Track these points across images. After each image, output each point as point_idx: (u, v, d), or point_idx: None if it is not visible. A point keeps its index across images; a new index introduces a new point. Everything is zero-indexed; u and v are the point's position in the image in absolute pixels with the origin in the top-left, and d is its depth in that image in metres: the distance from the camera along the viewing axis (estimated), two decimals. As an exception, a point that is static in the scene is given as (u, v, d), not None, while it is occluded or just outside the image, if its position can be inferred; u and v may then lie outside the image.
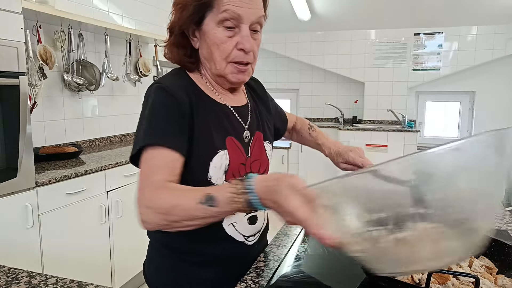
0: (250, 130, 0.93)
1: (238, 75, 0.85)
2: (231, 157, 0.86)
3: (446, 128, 4.64)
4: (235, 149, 0.88)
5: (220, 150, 0.85)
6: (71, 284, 0.80)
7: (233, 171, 0.87)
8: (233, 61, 0.83)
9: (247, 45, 0.81)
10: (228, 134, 0.88)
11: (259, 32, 0.86)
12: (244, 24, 0.81)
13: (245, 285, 0.82)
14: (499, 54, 4.10)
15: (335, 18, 4.33)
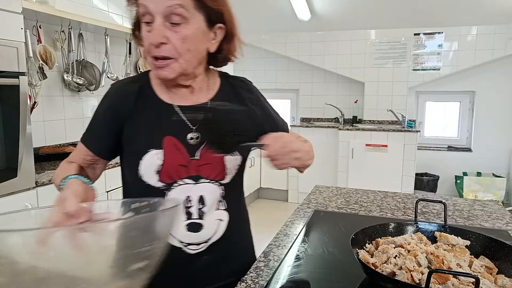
0: (201, 132, 0.88)
1: (157, 71, 0.82)
2: (166, 157, 0.84)
3: (446, 128, 4.64)
4: (173, 149, 0.86)
5: (151, 149, 0.84)
6: (71, 284, 0.80)
7: (170, 172, 0.85)
8: (150, 55, 0.81)
9: (151, 38, 0.78)
10: (166, 133, 0.86)
11: (182, 24, 0.79)
12: (156, 17, 0.78)
13: (245, 285, 0.82)
14: (499, 54, 4.10)
15: (335, 18, 4.33)
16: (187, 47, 0.80)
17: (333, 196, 1.54)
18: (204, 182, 0.87)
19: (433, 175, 4.39)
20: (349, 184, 4.14)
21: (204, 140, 0.87)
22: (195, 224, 0.87)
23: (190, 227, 0.87)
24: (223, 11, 0.84)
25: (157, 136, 0.85)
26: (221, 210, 0.90)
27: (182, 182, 0.86)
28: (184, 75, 0.84)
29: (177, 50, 0.79)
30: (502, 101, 4.28)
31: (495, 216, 1.29)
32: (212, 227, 0.89)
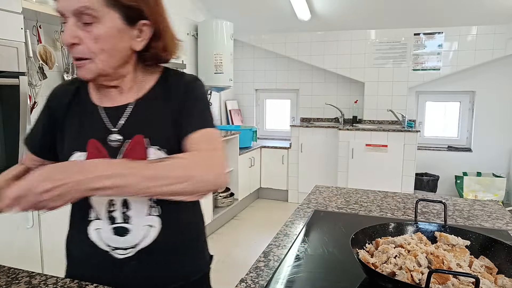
0: (124, 133, 0.84)
1: (78, 70, 0.80)
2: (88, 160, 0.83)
3: (446, 128, 4.64)
4: (95, 152, 0.84)
5: (75, 152, 0.84)
6: (71, 284, 0.80)
7: None
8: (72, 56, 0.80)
9: (63, 38, 0.77)
10: (90, 136, 0.84)
11: (93, 23, 0.76)
12: (68, 17, 0.76)
13: (245, 285, 0.82)
14: (499, 54, 4.10)
15: (335, 18, 4.33)
16: (100, 47, 0.77)
17: (333, 196, 1.54)
18: None
19: (433, 175, 4.39)
20: (349, 184, 4.14)
21: (125, 141, 0.84)
22: (121, 228, 0.84)
23: (116, 231, 0.84)
24: (142, 7, 0.79)
25: (82, 139, 0.85)
26: (153, 216, 0.85)
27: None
28: (103, 75, 0.81)
29: (90, 50, 0.77)
30: (502, 101, 4.28)
31: (495, 216, 1.29)
32: (139, 232, 0.84)
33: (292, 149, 4.54)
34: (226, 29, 4.09)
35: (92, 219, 0.86)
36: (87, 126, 0.86)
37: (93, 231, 0.86)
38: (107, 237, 0.85)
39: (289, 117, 5.24)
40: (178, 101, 0.86)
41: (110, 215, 0.84)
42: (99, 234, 0.85)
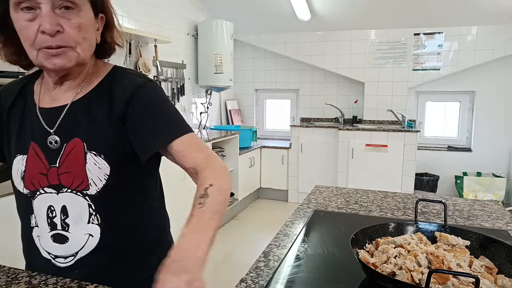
0: (61, 136, 0.81)
1: (52, 59, 0.74)
2: (28, 163, 0.81)
3: (446, 128, 4.64)
4: (33, 156, 0.81)
5: (18, 155, 0.82)
6: (71, 284, 0.80)
7: (31, 179, 0.81)
8: (41, 47, 0.72)
9: (46, 26, 0.70)
10: (31, 139, 0.82)
11: (73, 9, 0.73)
12: (43, 3, 0.70)
13: (245, 285, 0.82)
14: (499, 54, 4.11)
15: (335, 18, 4.33)
16: (83, 36, 0.75)
17: (333, 196, 1.54)
18: (66, 192, 0.80)
19: (433, 175, 4.39)
20: (349, 184, 4.14)
21: (63, 144, 0.80)
22: (60, 235, 0.82)
23: (55, 238, 0.82)
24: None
25: (23, 141, 0.82)
26: (93, 224, 0.81)
27: (43, 191, 0.81)
28: (79, 65, 0.79)
29: (73, 39, 0.74)
30: (502, 101, 4.28)
31: (495, 216, 1.29)
32: (79, 240, 0.82)
33: (292, 149, 4.54)
34: (226, 29, 4.09)
35: (33, 225, 0.85)
36: (28, 127, 0.83)
37: (36, 237, 0.85)
38: (46, 244, 0.84)
39: (289, 117, 5.24)
40: (122, 107, 0.80)
41: (51, 221, 0.82)
42: (39, 241, 0.85)
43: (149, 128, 0.80)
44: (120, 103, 0.81)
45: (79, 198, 0.80)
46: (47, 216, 0.82)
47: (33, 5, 0.70)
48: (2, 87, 0.89)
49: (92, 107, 0.82)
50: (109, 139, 0.80)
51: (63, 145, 0.80)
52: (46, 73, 0.83)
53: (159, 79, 3.62)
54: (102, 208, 0.82)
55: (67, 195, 0.81)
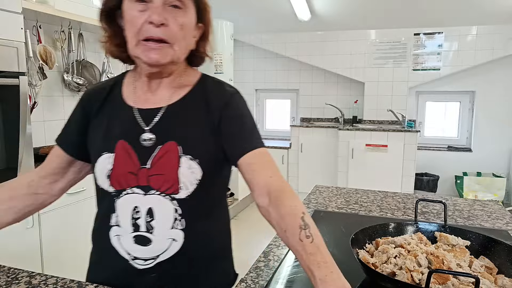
0: (156, 133, 0.81)
1: (149, 53, 0.76)
2: (116, 162, 0.80)
3: (446, 128, 4.64)
4: (124, 155, 0.80)
5: (104, 153, 0.82)
6: (71, 284, 0.80)
7: (118, 179, 0.80)
8: (143, 38, 0.76)
9: (154, 16, 0.74)
10: (120, 137, 0.81)
11: (181, 9, 0.78)
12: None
13: (245, 285, 0.82)
14: (499, 54, 4.10)
15: (335, 18, 4.33)
16: (183, 35, 0.79)
17: (333, 196, 1.54)
18: (154, 194, 0.80)
19: (433, 175, 4.39)
20: (349, 184, 4.14)
21: (157, 145, 0.80)
22: (143, 237, 0.80)
23: (137, 239, 0.80)
24: (208, 10, 0.85)
25: (111, 139, 0.82)
26: (177, 229, 0.81)
27: (130, 191, 0.80)
28: (172, 63, 0.81)
29: (174, 36, 0.77)
30: (502, 101, 4.28)
31: (495, 216, 1.29)
32: (162, 244, 0.80)
33: (292, 149, 4.54)
34: (226, 29, 4.08)
35: (113, 224, 0.83)
36: (118, 126, 0.83)
37: (114, 237, 0.83)
38: (127, 244, 0.81)
39: (289, 117, 5.24)
40: (218, 114, 0.83)
41: (134, 222, 0.80)
42: (119, 241, 0.82)
43: (239, 136, 0.83)
44: (217, 110, 0.83)
45: (167, 202, 0.80)
46: (132, 216, 0.80)
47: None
48: (90, 89, 0.91)
49: (188, 112, 0.83)
50: (206, 144, 0.82)
51: (156, 146, 0.80)
52: (139, 69, 0.85)
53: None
54: (188, 213, 0.81)
55: (154, 197, 0.80)
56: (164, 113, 0.83)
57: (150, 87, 0.85)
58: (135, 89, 0.86)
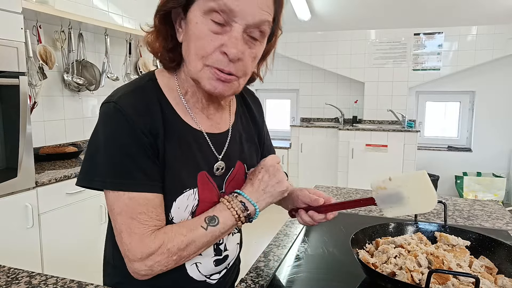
0: (226, 161, 0.78)
1: (215, 82, 0.67)
2: (201, 195, 0.73)
3: (446, 128, 4.64)
4: (207, 185, 0.75)
5: (187, 190, 0.72)
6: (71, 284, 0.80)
7: (204, 211, 0.74)
8: (212, 65, 0.65)
9: (232, 49, 0.63)
10: (200, 168, 0.74)
11: (258, 42, 0.68)
12: (237, 23, 0.63)
13: (245, 285, 0.82)
14: (499, 54, 4.11)
15: (335, 18, 4.33)
16: (252, 67, 0.71)
17: (333, 196, 1.54)
18: None
19: (433, 175, 4.39)
20: (349, 184, 4.14)
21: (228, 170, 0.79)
22: (221, 257, 0.83)
23: (217, 261, 0.82)
24: (278, 34, 0.79)
25: (191, 172, 0.73)
26: (235, 232, 0.87)
27: None
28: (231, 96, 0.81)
29: (245, 70, 0.68)
30: (502, 101, 4.28)
31: (495, 216, 1.29)
32: (233, 253, 0.87)
33: (292, 149, 4.54)
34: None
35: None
36: (199, 157, 0.74)
37: (190, 266, 0.77)
38: (206, 269, 0.80)
39: (289, 117, 5.24)
40: (262, 123, 0.91)
41: (217, 247, 0.81)
42: (197, 268, 0.79)
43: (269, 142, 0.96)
44: (260, 121, 0.91)
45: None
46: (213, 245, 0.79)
47: (226, 20, 0.64)
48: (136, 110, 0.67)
49: (245, 129, 0.86)
50: (258, 157, 0.89)
51: (229, 170, 0.79)
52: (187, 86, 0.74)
53: (159, 79, 3.62)
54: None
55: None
56: (231, 137, 0.81)
57: (207, 108, 0.78)
58: (190, 109, 0.75)
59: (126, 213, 0.66)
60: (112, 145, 0.65)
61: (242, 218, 0.72)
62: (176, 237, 0.68)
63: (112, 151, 0.65)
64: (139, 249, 0.66)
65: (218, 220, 0.71)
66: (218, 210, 0.72)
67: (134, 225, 0.66)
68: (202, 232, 0.69)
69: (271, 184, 0.75)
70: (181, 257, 0.69)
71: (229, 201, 0.72)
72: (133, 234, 0.66)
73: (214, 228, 0.70)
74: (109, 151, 0.65)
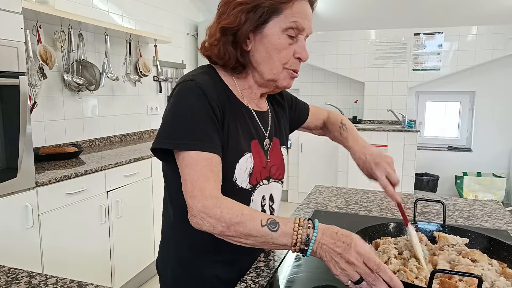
0: (270, 138, 0.96)
1: (291, 81, 0.90)
2: (255, 160, 0.89)
3: (446, 128, 4.64)
4: (259, 152, 0.91)
5: (246, 153, 0.87)
6: (71, 284, 0.80)
7: (256, 175, 0.90)
8: (289, 68, 0.87)
9: (305, 55, 0.87)
10: (253, 137, 0.90)
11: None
12: (302, 35, 0.86)
13: (245, 285, 0.82)
14: (499, 54, 4.11)
15: (335, 18, 4.33)
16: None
17: (333, 196, 1.54)
18: (272, 182, 0.95)
19: (433, 175, 4.39)
20: (349, 184, 4.14)
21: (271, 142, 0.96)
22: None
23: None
24: None
25: (247, 140, 0.89)
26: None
27: (261, 183, 0.92)
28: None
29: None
30: (502, 101, 4.28)
31: (495, 216, 1.29)
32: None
33: (292, 149, 4.54)
34: (226, 29, 4.08)
35: None
36: (251, 128, 0.91)
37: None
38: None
39: (289, 117, 5.24)
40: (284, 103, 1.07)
41: (262, 209, 0.93)
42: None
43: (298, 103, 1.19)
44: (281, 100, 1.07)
45: (279, 186, 0.99)
46: (261, 205, 0.93)
47: (296, 34, 0.85)
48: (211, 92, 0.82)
49: (276, 113, 1.02)
50: (287, 133, 1.07)
51: (270, 145, 0.96)
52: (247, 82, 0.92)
53: (159, 79, 3.62)
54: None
55: (273, 184, 0.96)
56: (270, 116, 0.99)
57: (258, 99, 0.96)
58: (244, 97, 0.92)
59: (204, 167, 0.76)
60: (192, 114, 0.79)
61: (297, 247, 0.70)
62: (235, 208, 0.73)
63: (192, 118, 0.79)
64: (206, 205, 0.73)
65: (277, 229, 0.71)
66: (284, 224, 0.71)
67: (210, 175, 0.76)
68: (256, 225, 0.71)
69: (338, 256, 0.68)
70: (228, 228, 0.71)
71: (300, 225, 0.70)
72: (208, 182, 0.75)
73: (268, 231, 0.70)
74: (189, 118, 0.79)
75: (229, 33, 0.85)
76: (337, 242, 0.68)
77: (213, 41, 0.88)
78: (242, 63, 0.87)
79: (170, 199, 0.92)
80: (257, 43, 0.86)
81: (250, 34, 0.85)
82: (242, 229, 0.71)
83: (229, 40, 0.85)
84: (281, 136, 1.01)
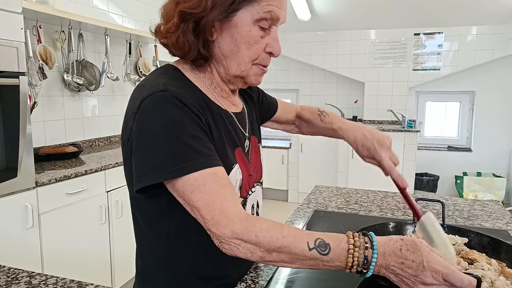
0: (249, 138, 0.85)
1: (260, 77, 0.79)
2: (242, 170, 0.79)
3: (446, 128, 4.64)
4: (243, 160, 0.80)
5: (234, 165, 0.76)
6: (71, 284, 0.80)
7: (245, 186, 0.80)
8: (259, 63, 0.76)
9: (277, 50, 0.77)
10: (236, 145, 0.79)
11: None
12: (276, 26, 0.76)
13: (245, 285, 0.82)
14: (499, 54, 4.11)
15: (335, 18, 4.33)
16: None
17: (333, 196, 1.54)
18: (257, 186, 0.87)
19: (433, 175, 4.39)
20: (349, 184, 4.14)
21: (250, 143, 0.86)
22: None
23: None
24: None
25: (232, 149, 0.77)
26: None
27: (250, 193, 0.83)
28: None
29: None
30: (502, 101, 4.28)
31: (495, 216, 1.29)
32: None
33: (292, 149, 4.54)
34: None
35: None
36: (233, 135, 0.79)
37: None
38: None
39: (289, 117, 5.24)
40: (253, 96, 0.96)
41: None
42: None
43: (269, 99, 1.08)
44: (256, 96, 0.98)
45: (259, 188, 0.89)
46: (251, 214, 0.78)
47: (269, 25, 0.75)
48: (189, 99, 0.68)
49: (249, 108, 0.92)
50: (260, 128, 0.97)
51: (250, 144, 0.86)
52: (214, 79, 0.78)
53: (159, 79, 3.62)
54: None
55: (257, 188, 0.87)
56: (247, 114, 0.88)
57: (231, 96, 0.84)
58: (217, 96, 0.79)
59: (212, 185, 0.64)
60: (177, 131, 0.64)
61: (354, 270, 0.62)
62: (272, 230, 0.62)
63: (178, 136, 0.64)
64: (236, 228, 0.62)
65: (328, 252, 0.61)
66: (336, 244, 0.61)
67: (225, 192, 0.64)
68: (302, 249, 0.61)
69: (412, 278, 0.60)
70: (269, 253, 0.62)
71: (355, 246, 0.61)
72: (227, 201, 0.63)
73: (317, 255, 0.61)
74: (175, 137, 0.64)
75: (190, 19, 0.70)
76: (405, 262, 0.59)
77: (171, 27, 0.72)
78: (204, 55, 0.73)
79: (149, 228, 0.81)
80: (224, 33, 0.72)
81: (217, 23, 0.71)
82: (285, 255, 0.61)
83: (190, 28, 0.70)
84: (256, 133, 0.92)
